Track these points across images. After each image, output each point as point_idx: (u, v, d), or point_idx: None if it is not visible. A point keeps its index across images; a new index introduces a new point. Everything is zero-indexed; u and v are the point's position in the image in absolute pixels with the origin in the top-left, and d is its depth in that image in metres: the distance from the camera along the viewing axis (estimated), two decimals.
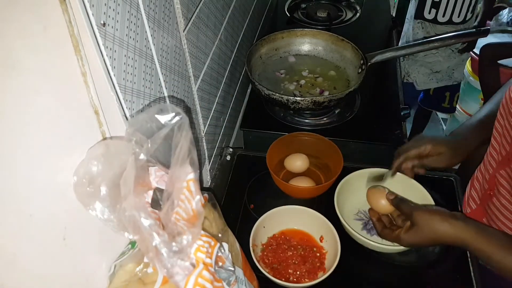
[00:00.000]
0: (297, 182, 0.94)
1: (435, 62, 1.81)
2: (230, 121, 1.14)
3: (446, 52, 1.79)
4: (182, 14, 0.68)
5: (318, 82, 1.19)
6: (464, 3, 1.63)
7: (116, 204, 0.45)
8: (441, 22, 1.70)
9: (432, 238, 0.68)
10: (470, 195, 0.89)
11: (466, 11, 1.65)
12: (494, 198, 0.78)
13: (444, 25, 1.70)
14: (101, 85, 0.48)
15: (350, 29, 1.50)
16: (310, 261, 0.81)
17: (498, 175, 0.75)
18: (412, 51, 1.15)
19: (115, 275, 0.52)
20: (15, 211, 0.39)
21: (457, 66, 1.85)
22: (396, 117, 1.16)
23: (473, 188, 0.87)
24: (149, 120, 0.46)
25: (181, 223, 0.46)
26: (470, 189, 0.89)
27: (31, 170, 0.40)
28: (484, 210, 0.82)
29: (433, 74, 1.85)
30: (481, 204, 0.84)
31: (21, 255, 0.41)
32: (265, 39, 1.22)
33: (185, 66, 0.74)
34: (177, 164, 0.44)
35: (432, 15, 1.69)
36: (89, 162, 0.45)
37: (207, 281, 0.46)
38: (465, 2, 1.62)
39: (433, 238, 0.68)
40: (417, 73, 1.85)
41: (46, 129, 0.42)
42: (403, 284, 0.84)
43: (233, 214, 0.94)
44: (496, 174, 0.76)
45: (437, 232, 0.67)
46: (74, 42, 0.43)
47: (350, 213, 0.91)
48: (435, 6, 1.66)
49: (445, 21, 1.69)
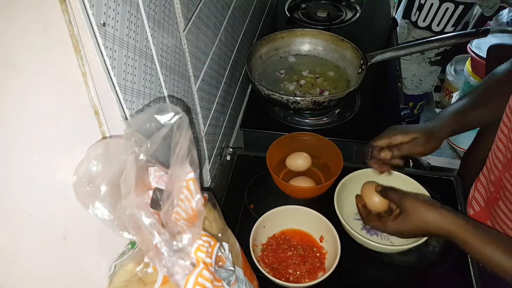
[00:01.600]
0: (297, 182, 0.94)
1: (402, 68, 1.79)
2: (230, 121, 1.14)
3: (418, 60, 1.78)
4: (182, 14, 0.68)
5: (318, 82, 1.19)
6: (445, 15, 1.62)
7: (116, 204, 0.45)
8: (420, 26, 1.70)
9: (420, 227, 0.68)
10: (473, 197, 0.88)
11: (446, 23, 1.64)
12: (500, 201, 0.77)
13: (422, 29, 1.70)
14: (101, 85, 0.48)
15: (350, 29, 1.50)
16: (310, 261, 0.81)
17: (504, 178, 0.75)
18: (412, 51, 1.15)
19: (115, 275, 0.52)
20: (15, 211, 0.39)
21: (425, 77, 1.82)
22: (396, 117, 1.16)
23: (477, 190, 0.87)
24: (148, 120, 0.46)
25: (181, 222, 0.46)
26: (473, 191, 0.89)
27: (31, 170, 0.40)
28: (489, 213, 0.82)
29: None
30: (485, 207, 0.84)
31: (21, 255, 0.41)
32: (265, 39, 1.22)
33: (185, 66, 0.74)
34: (176, 163, 0.44)
35: (416, 17, 1.69)
36: (88, 161, 0.45)
37: (207, 281, 0.46)
38: (446, 13, 1.61)
39: (421, 227, 0.68)
40: None
41: (46, 129, 0.42)
42: (403, 284, 0.84)
43: (233, 214, 0.94)
44: (502, 176, 0.76)
45: (425, 221, 0.67)
46: (74, 42, 0.43)
47: (350, 213, 0.91)
48: (419, 8, 1.66)
49: (424, 26, 1.69)
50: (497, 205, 0.78)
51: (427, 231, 0.69)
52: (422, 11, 1.65)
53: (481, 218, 0.83)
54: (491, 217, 0.81)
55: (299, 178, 0.95)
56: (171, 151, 0.45)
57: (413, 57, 1.76)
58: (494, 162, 0.79)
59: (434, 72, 1.85)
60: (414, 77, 1.81)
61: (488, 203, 0.83)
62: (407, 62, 1.79)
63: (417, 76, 1.81)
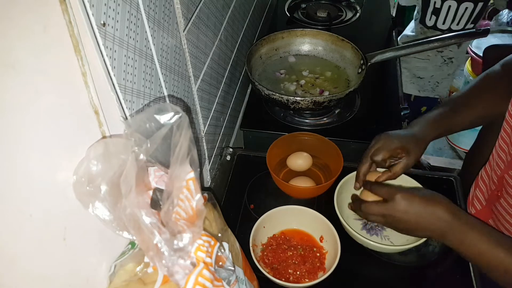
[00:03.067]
0: (297, 182, 0.94)
1: (420, 68, 1.78)
2: (230, 121, 1.14)
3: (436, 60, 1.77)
4: (182, 14, 0.68)
5: (318, 82, 1.19)
6: (464, 14, 1.61)
7: (116, 204, 0.45)
8: (442, 29, 1.69)
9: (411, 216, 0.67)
10: (475, 195, 0.88)
11: (466, 21, 1.64)
12: (502, 199, 0.77)
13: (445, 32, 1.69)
14: (101, 85, 0.48)
15: (350, 29, 1.50)
16: (310, 261, 0.81)
17: (507, 176, 0.75)
18: (412, 51, 1.15)
19: (115, 275, 0.52)
20: (15, 211, 0.39)
21: (443, 79, 1.81)
22: (396, 117, 1.16)
23: (478, 189, 0.87)
24: (147, 120, 0.46)
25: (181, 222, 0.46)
26: (474, 189, 0.89)
27: (31, 170, 0.40)
28: (491, 211, 0.82)
29: (415, 79, 1.82)
30: (487, 205, 0.84)
31: (21, 255, 0.41)
32: (265, 39, 1.22)
33: (185, 66, 0.74)
34: (176, 163, 0.44)
35: (432, 21, 1.68)
36: (88, 161, 0.45)
37: (207, 280, 0.46)
38: (465, 12, 1.60)
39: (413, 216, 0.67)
40: None
41: (46, 129, 0.42)
42: (403, 284, 0.84)
43: (233, 214, 0.94)
44: (505, 175, 0.76)
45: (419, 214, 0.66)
46: (74, 42, 0.43)
47: (350, 213, 0.91)
48: (435, 13, 1.65)
49: (445, 28, 1.69)
50: (499, 203, 0.78)
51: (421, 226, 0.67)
52: (440, 15, 1.63)
53: (482, 216, 0.83)
54: (493, 215, 0.81)
55: (299, 178, 0.95)
56: (171, 151, 0.45)
57: (432, 57, 1.75)
58: (497, 161, 0.79)
59: (451, 76, 1.83)
60: (431, 78, 1.80)
61: (489, 201, 0.83)
62: (424, 61, 1.77)
63: (435, 77, 1.79)
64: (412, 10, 2.32)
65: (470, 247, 0.63)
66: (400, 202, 0.67)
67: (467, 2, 1.57)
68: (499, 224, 0.79)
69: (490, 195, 0.82)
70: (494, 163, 0.80)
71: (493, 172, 0.81)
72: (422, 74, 1.79)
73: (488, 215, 0.83)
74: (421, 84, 1.82)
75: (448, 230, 0.65)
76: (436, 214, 0.65)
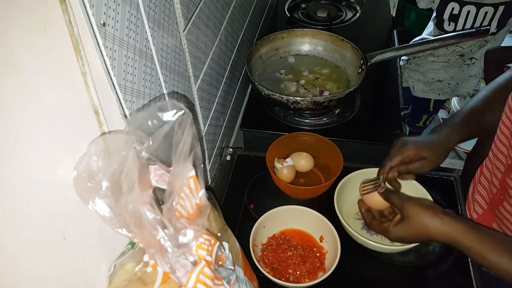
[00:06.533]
0: (297, 158, 0.97)
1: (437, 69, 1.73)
2: (230, 121, 1.14)
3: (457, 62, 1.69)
4: (182, 14, 0.68)
5: (318, 82, 1.19)
6: (485, 18, 1.53)
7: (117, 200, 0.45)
8: None
9: (421, 234, 0.67)
10: (474, 199, 0.87)
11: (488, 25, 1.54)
12: (505, 202, 0.77)
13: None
14: (101, 85, 0.48)
15: (350, 29, 1.50)
16: (310, 261, 0.81)
17: (509, 179, 0.74)
18: (412, 51, 1.15)
19: (115, 275, 0.52)
20: (15, 211, 0.39)
21: (463, 81, 1.74)
22: (396, 117, 1.16)
23: (478, 193, 0.86)
24: (149, 117, 0.46)
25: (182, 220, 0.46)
26: (473, 193, 0.88)
27: (31, 170, 0.40)
28: (494, 215, 0.81)
29: (434, 84, 1.78)
30: (489, 209, 0.83)
31: (21, 255, 0.41)
32: (265, 39, 1.22)
33: (185, 66, 0.74)
34: (179, 161, 0.44)
35: (452, 27, 1.62)
36: (89, 157, 0.45)
37: (208, 278, 0.45)
38: (486, 17, 1.52)
39: (422, 233, 0.67)
40: (417, 80, 1.78)
41: (46, 129, 0.41)
42: (403, 284, 0.84)
43: (233, 214, 0.94)
44: (507, 178, 0.75)
45: (427, 227, 0.66)
46: (74, 42, 0.43)
47: (350, 213, 0.91)
48: (453, 19, 1.58)
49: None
50: (502, 206, 0.77)
51: (429, 237, 0.67)
52: (459, 20, 1.59)
53: (485, 221, 0.82)
54: (496, 218, 0.80)
55: (298, 153, 0.99)
56: (173, 149, 0.45)
57: (452, 60, 1.69)
58: (496, 164, 0.79)
59: (473, 77, 1.74)
60: (451, 80, 1.74)
61: (491, 205, 0.82)
62: (445, 65, 1.72)
63: (455, 79, 1.75)
64: (412, 10, 2.32)
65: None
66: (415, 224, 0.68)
67: (487, 7, 1.53)
68: (503, 227, 0.78)
69: (492, 198, 0.81)
70: (494, 166, 0.80)
71: (493, 176, 0.81)
72: (442, 77, 1.74)
73: (491, 219, 0.82)
74: (440, 87, 1.77)
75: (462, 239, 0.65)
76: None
